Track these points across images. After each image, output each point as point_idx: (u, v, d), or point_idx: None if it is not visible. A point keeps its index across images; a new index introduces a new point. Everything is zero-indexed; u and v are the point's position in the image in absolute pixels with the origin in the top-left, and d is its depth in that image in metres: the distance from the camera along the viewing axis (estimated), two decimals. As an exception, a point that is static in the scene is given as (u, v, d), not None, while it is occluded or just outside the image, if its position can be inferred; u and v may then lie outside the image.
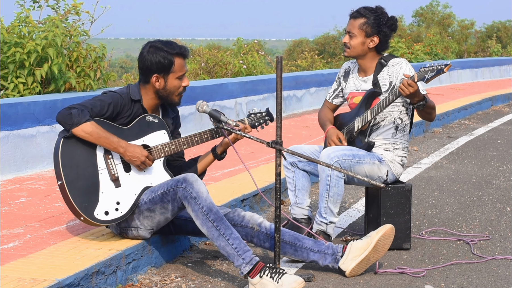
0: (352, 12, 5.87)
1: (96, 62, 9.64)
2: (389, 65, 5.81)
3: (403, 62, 5.80)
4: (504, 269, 5.33)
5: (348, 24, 5.86)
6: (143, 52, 5.19)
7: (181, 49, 5.18)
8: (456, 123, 14.17)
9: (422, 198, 7.58)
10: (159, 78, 5.15)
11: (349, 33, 5.83)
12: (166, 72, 5.15)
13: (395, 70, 5.77)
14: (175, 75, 5.17)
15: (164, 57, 5.12)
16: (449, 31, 34.93)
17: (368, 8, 5.84)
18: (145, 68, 5.16)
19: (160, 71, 5.14)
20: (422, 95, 5.52)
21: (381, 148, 5.79)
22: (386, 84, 5.76)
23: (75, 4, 9.82)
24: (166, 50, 5.13)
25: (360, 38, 5.79)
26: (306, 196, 5.91)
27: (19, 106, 7.64)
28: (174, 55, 5.14)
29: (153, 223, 5.12)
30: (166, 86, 5.17)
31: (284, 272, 4.75)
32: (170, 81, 5.17)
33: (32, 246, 5.07)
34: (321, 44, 39.09)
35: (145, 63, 5.16)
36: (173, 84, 5.17)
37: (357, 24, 5.80)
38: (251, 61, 15.98)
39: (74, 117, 4.92)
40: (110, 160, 5.08)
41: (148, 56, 5.14)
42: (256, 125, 5.33)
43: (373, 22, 5.77)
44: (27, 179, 7.35)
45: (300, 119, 12.96)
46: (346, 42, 5.85)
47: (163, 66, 5.13)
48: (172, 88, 5.18)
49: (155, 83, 5.16)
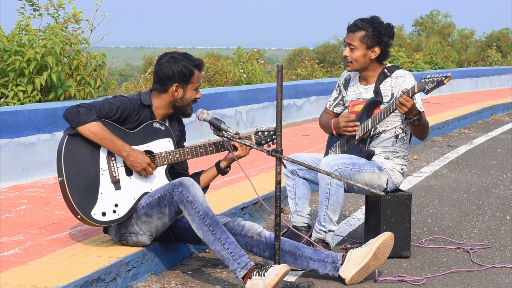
0: (350, 26, 5.85)
1: (96, 70, 9.66)
2: (392, 77, 5.81)
3: (406, 75, 5.79)
4: (504, 278, 5.33)
5: (348, 37, 5.84)
6: (163, 61, 5.23)
7: (199, 62, 5.30)
8: (456, 132, 14.17)
9: (422, 206, 7.58)
10: (179, 88, 5.21)
11: (349, 45, 5.81)
12: (186, 82, 5.22)
13: (398, 83, 5.77)
14: (193, 86, 5.26)
15: (186, 67, 5.20)
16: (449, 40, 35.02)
17: (365, 20, 5.82)
18: (165, 77, 5.19)
19: (181, 80, 5.20)
20: (418, 110, 5.53)
21: (381, 156, 5.80)
22: (388, 96, 5.76)
23: (75, 13, 9.85)
24: (187, 60, 5.22)
25: (362, 50, 5.78)
26: (306, 204, 5.91)
27: (19, 114, 7.65)
28: (194, 66, 5.23)
29: (151, 228, 5.13)
30: (184, 97, 5.24)
31: (270, 266, 4.81)
32: (189, 91, 5.24)
33: (32, 253, 5.08)
34: (321, 53, 39.17)
35: (166, 72, 5.19)
36: (190, 95, 5.25)
37: (357, 37, 5.79)
38: (251, 69, 16.01)
39: (81, 115, 4.95)
40: (112, 161, 5.10)
41: (171, 65, 5.19)
42: (263, 144, 5.35)
43: (373, 33, 5.78)
44: (27, 187, 7.35)
45: (300, 128, 12.97)
46: (347, 56, 5.82)
47: (184, 76, 5.20)
48: (188, 99, 5.26)
49: (174, 93, 5.21)
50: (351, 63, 5.83)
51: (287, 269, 4.81)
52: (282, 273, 4.77)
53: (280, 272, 4.76)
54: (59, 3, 9.94)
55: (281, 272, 4.76)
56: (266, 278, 4.75)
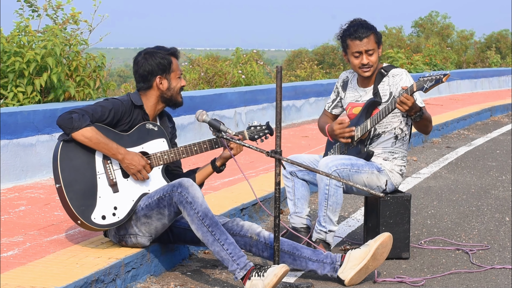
0: (357, 33, 5.70)
1: (95, 71, 9.67)
2: (389, 76, 5.81)
3: (403, 73, 5.79)
4: (503, 279, 5.33)
5: (362, 45, 5.70)
6: (139, 60, 5.27)
7: (174, 50, 5.33)
8: (455, 134, 14.17)
9: (421, 207, 7.59)
10: (162, 79, 5.22)
11: (367, 52, 5.72)
12: (168, 72, 5.24)
13: (395, 81, 5.77)
14: (176, 75, 5.28)
15: (163, 57, 5.23)
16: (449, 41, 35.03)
17: (363, 22, 5.78)
18: (147, 73, 5.22)
19: (162, 71, 5.22)
20: (419, 107, 5.53)
21: (380, 157, 5.80)
22: (387, 95, 5.76)
23: (74, 14, 9.85)
24: (161, 51, 5.25)
25: (376, 51, 5.77)
26: (305, 205, 5.91)
27: (18, 115, 7.65)
28: (170, 55, 5.26)
29: (150, 229, 5.13)
30: (170, 86, 5.25)
31: (269, 266, 4.82)
32: (173, 80, 5.26)
33: (31, 254, 5.08)
34: (320, 55, 39.20)
35: (145, 68, 5.22)
36: (175, 83, 5.27)
37: (372, 40, 5.72)
38: (250, 71, 16.01)
39: (75, 121, 4.95)
40: (108, 165, 5.10)
41: (147, 61, 5.22)
42: (256, 138, 5.35)
43: (377, 32, 5.78)
44: (27, 188, 7.35)
45: (299, 129, 12.97)
46: (368, 62, 5.72)
47: (164, 67, 5.22)
48: (175, 87, 5.26)
49: (159, 85, 5.22)
50: (370, 68, 5.76)
51: (286, 270, 4.81)
52: (281, 274, 4.77)
53: (279, 272, 4.77)
54: (57, 4, 9.94)
55: (280, 273, 4.77)
56: (265, 278, 4.76)
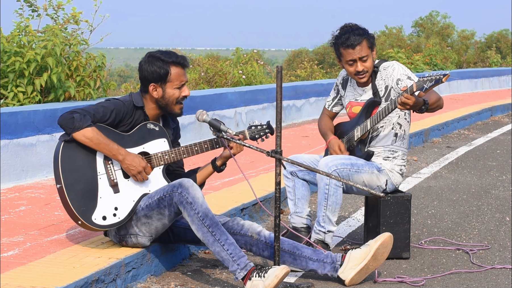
0: (350, 41, 5.69)
1: (96, 71, 9.66)
2: (380, 70, 5.80)
3: (394, 63, 5.79)
4: (504, 279, 5.33)
5: (355, 52, 5.69)
6: (141, 62, 5.26)
7: (178, 58, 5.20)
8: (456, 134, 14.17)
9: (422, 207, 7.58)
10: (157, 87, 5.18)
11: (361, 58, 5.70)
12: (163, 82, 5.17)
13: (388, 74, 5.76)
14: (173, 85, 5.19)
15: (160, 66, 5.15)
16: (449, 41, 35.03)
17: (354, 29, 5.75)
18: (143, 78, 5.21)
19: (157, 80, 5.17)
20: (422, 101, 5.49)
21: (380, 157, 5.80)
22: (383, 90, 5.76)
23: (74, 14, 9.85)
24: (163, 59, 5.16)
25: (370, 56, 5.75)
26: (305, 205, 5.91)
27: (19, 115, 7.65)
28: (170, 64, 5.16)
29: (151, 229, 5.13)
30: (165, 95, 5.20)
31: (270, 267, 4.81)
32: (168, 90, 5.19)
33: (31, 254, 5.08)
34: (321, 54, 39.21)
35: (142, 73, 5.22)
36: (171, 93, 5.19)
37: (365, 46, 5.71)
38: (251, 71, 16.01)
39: (76, 121, 4.94)
40: (109, 165, 5.09)
41: (145, 66, 5.20)
42: (256, 138, 5.34)
43: (369, 36, 5.77)
44: (27, 188, 7.35)
45: (299, 129, 12.97)
46: (363, 69, 5.72)
47: (159, 76, 5.16)
48: (170, 97, 5.20)
49: (153, 93, 5.19)
50: (367, 73, 5.77)
51: (287, 271, 4.81)
52: (282, 275, 4.76)
53: (280, 273, 4.76)
54: (58, 4, 9.94)
55: (281, 274, 4.76)
56: (266, 279, 4.75)
